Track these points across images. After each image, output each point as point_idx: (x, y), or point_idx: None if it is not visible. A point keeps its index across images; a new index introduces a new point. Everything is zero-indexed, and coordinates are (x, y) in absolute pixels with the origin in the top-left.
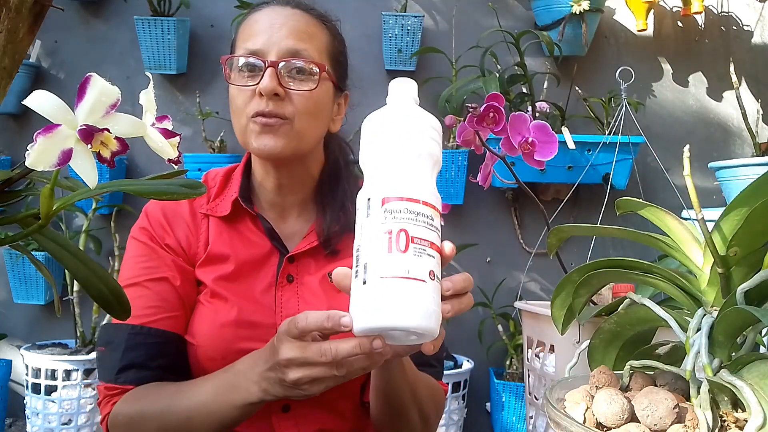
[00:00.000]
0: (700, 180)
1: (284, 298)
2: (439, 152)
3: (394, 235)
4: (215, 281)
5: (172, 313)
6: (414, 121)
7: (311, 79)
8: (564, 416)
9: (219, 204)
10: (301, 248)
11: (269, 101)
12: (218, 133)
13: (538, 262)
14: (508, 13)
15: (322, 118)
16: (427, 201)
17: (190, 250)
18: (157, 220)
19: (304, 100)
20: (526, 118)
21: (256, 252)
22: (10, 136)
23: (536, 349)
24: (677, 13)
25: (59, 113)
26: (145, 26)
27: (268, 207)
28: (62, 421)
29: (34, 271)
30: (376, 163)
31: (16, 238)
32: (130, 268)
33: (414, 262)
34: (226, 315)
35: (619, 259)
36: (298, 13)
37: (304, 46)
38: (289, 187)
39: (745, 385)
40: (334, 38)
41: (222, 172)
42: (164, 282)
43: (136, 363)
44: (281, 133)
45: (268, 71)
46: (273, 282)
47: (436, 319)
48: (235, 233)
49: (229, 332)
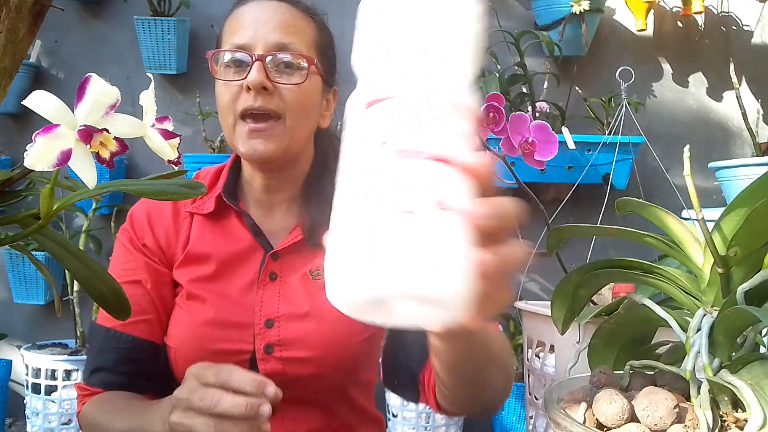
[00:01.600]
0: (700, 180)
1: (265, 296)
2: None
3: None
4: (192, 282)
5: (143, 317)
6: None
7: (299, 73)
8: (564, 416)
9: (205, 201)
10: (286, 244)
11: (257, 96)
12: (218, 133)
13: (538, 262)
14: (508, 13)
15: (312, 114)
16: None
17: (169, 251)
18: (138, 221)
19: (294, 94)
20: (526, 118)
21: (239, 249)
22: (10, 136)
23: (536, 349)
24: (677, 13)
25: (59, 113)
26: (145, 26)
27: (255, 204)
28: (62, 421)
29: (34, 271)
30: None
31: (16, 238)
32: (112, 268)
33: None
34: (202, 315)
35: (619, 259)
36: (284, 6)
37: (291, 39)
38: (278, 186)
39: (745, 385)
40: (321, 32)
41: (213, 170)
42: (137, 285)
43: (104, 367)
44: (273, 136)
45: (255, 65)
46: (255, 280)
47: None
48: (219, 230)
49: (205, 333)
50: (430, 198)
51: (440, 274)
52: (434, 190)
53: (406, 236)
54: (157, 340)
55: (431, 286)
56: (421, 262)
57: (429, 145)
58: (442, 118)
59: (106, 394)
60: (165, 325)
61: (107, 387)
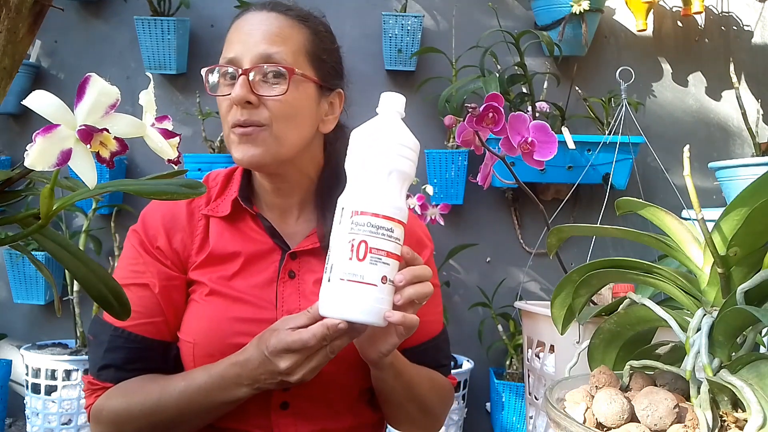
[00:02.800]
0: (700, 180)
1: (285, 293)
2: (411, 169)
3: (356, 245)
4: (215, 280)
5: (151, 319)
6: (390, 140)
7: (282, 83)
8: (564, 416)
9: (219, 204)
10: (304, 246)
11: (243, 110)
12: (218, 133)
13: (538, 262)
14: (508, 13)
15: (302, 122)
16: (389, 216)
17: (184, 253)
18: (151, 224)
19: (279, 104)
20: (526, 118)
21: (259, 249)
22: (10, 136)
23: (536, 349)
24: (677, 13)
25: (58, 113)
26: (145, 26)
27: (268, 207)
28: (62, 421)
29: (34, 271)
30: (352, 174)
31: (16, 238)
32: (120, 269)
33: (369, 269)
34: (224, 311)
35: (619, 259)
36: (273, 15)
37: (276, 49)
38: (286, 190)
39: (745, 385)
40: (314, 36)
41: (223, 174)
42: (145, 288)
43: (113, 364)
44: (259, 141)
45: (239, 80)
46: (274, 278)
47: (380, 316)
48: (236, 232)
49: (227, 328)
50: (379, 276)
51: (370, 312)
52: (382, 272)
53: (361, 294)
54: (167, 339)
55: (365, 318)
56: (363, 307)
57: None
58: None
59: (129, 382)
60: (173, 326)
61: (118, 382)
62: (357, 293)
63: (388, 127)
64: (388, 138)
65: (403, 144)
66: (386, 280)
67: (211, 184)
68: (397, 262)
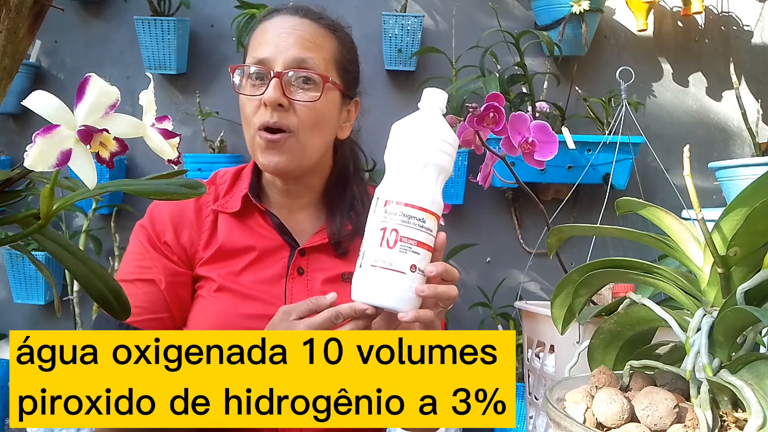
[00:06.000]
0: (700, 180)
1: (294, 289)
2: (448, 163)
3: (387, 233)
4: (224, 276)
5: (156, 315)
6: (428, 133)
7: (315, 89)
8: (564, 416)
9: (229, 200)
10: (313, 243)
11: (274, 112)
12: (218, 133)
13: (538, 262)
14: (508, 13)
15: (326, 129)
16: (422, 206)
17: (191, 248)
18: (159, 219)
19: (308, 110)
20: (526, 118)
21: (268, 245)
22: (10, 136)
23: (536, 349)
24: (677, 13)
25: (58, 114)
26: (145, 26)
27: (277, 206)
28: None
29: (34, 271)
30: (390, 165)
31: (16, 238)
32: (126, 264)
33: (398, 257)
34: (233, 307)
35: (619, 259)
36: (306, 22)
37: (309, 55)
38: (297, 192)
39: (745, 385)
40: (342, 46)
41: (231, 171)
42: (151, 284)
43: None
44: (285, 149)
45: (272, 82)
46: (283, 274)
47: (409, 303)
48: (245, 228)
49: (235, 323)
50: (408, 265)
51: (399, 299)
52: (412, 261)
53: (390, 280)
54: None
55: (393, 304)
56: (392, 293)
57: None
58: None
59: None
60: (178, 323)
61: None
62: (385, 279)
63: (427, 121)
64: (427, 131)
65: (441, 138)
66: (416, 269)
67: (220, 180)
68: (428, 253)
